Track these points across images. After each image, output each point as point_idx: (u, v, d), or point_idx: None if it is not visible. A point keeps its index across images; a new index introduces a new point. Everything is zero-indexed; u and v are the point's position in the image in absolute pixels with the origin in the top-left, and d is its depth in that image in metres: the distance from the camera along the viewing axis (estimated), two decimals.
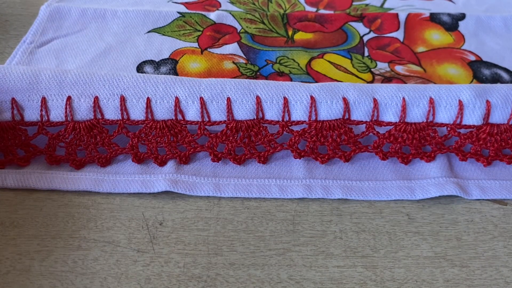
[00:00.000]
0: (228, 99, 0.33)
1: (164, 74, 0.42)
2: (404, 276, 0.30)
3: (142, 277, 0.29)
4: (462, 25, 0.48)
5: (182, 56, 0.44)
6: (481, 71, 0.43)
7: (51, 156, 0.34)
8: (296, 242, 0.31)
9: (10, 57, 0.43)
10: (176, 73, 0.42)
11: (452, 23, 0.49)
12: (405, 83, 0.42)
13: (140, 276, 0.29)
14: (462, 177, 0.35)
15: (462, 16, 0.49)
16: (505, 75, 0.43)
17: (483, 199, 0.34)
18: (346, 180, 0.35)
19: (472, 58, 0.45)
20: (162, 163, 0.35)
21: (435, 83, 0.42)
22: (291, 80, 0.42)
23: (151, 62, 0.43)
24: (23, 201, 0.33)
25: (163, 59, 0.43)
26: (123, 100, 0.33)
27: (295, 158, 0.35)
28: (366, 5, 0.52)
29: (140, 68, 0.42)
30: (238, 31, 0.47)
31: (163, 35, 0.46)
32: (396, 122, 0.34)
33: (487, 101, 0.33)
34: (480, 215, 0.33)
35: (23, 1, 0.52)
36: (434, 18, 0.49)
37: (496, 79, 0.43)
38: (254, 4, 0.51)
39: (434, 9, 0.50)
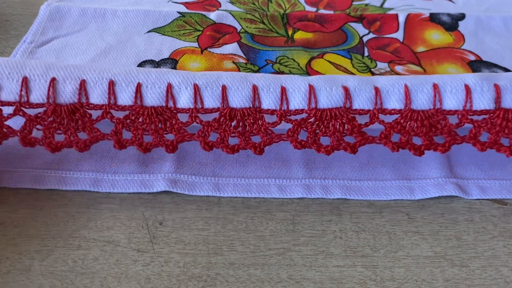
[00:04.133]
0: (223, 86, 0.32)
1: None
2: (404, 275, 0.30)
3: (142, 277, 0.29)
4: (462, 25, 0.48)
5: (182, 56, 0.44)
6: (481, 71, 0.43)
7: (25, 138, 0.31)
8: (296, 241, 0.31)
9: (10, 57, 0.43)
10: None
11: (452, 23, 0.49)
12: None
13: (140, 276, 0.29)
14: (462, 177, 0.35)
15: (462, 16, 0.49)
16: None
17: (483, 199, 0.34)
18: (346, 179, 0.35)
19: (472, 58, 0.45)
20: (145, 150, 0.32)
21: None
22: None
23: (151, 62, 0.43)
24: (23, 201, 0.33)
25: (163, 59, 0.43)
26: (111, 84, 0.31)
27: (295, 148, 0.32)
28: (366, 5, 0.52)
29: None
30: (238, 31, 0.47)
31: (163, 34, 0.46)
32: (401, 109, 0.32)
33: (495, 85, 0.32)
34: (480, 214, 0.33)
35: (23, 1, 0.52)
36: (434, 18, 0.49)
37: None
38: (254, 4, 0.51)
39: (434, 9, 0.51)
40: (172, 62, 0.43)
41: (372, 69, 0.43)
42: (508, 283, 0.29)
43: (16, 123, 0.32)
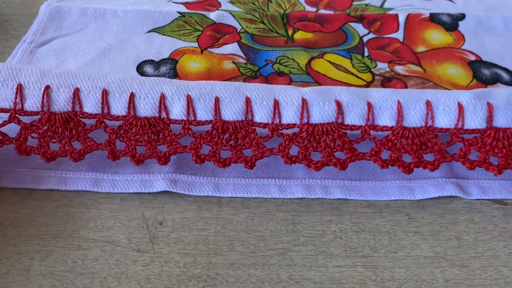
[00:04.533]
0: (216, 98, 0.32)
1: (164, 73, 0.42)
2: (404, 276, 0.30)
3: (142, 277, 0.29)
4: (462, 25, 0.48)
5: (182, 56, 0.44)
6: (481, 71, 0.43)
7: (20, 147, 0.32)
8: (296, 242, 0.31)
9: (10, 57, 0.42)
10: (176, 73, 0.42)
11: (452, 23, 0.49)
12: (405, 83, 0.42)
13: (140, 276, 0.29)
14: (462, 177, 0.35)
15: (462, 16, 0.49)
16: (505, 75, 0.43)
17: (483, 199, 0.34)
18: (346, 180, 0.35)
19: (472, 58, 0.45)
20: (138, 162, 0.33)
21: (435, 83, 0.42)
22: (291, 80, 0.42)
23: (151, 62, 0.43)
24: (23, 201, 0.33)
25: (163, 59, 0.43)
26: (105, 93, 0.31)
27: (286, 163, 0.33)
28: (366, 5, 0.52)
29: (140, 68, 0.42)
30: (238, 31, 0.47)
31: (163, 35, 0.46)
32: (392, 127, 0.32)
33: (488, 103, 0.32)
34: (480, 215, 0.33)
35: (23, 1, 0.52)
36: (434, 18, 0.49)
37: (496, 79, 0.43)
38: (254, 4, 0.51)
39: (434, 9, 0.51)
40: (172, 62, 0.43)
41: (372, 69, 0.43)
42: (508, 283, 0.29)
43: (10, 127, 0.33)
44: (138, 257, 0.30)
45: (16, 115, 0.32)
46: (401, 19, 0.49)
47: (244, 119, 0.32)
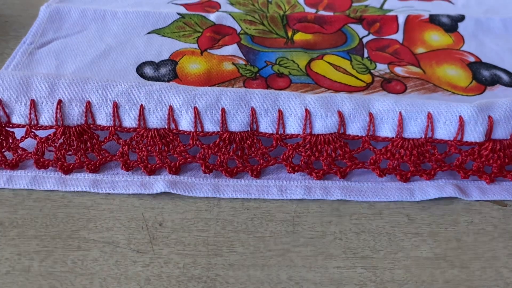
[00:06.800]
0: (223, 110, 0.32)
1: (164, 75, 0.42)
2: (404, 277, 0.30)
3: (142, 278, 0.29)
4: (462, 27, 0.48)
5: (182, 57, 0.44)
6: (481, 72, 0.43)
7: (39, 160, 0.34)
8: (296, 243, 0.31)
9: (9, 58, 0.43)
10: (175, 74, 0.42)
11: (451, 25, 0.49)
12: (405, 84, 0.42)
13: (139, 277, 0.29)
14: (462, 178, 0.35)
15: (462, 18, 0.49)
16: (504, 76, 0.43)
17: (483, 200, 0.34)
18: (346, 181, 0.35)
19: (472, 59, 0.45)
20: (151, 172, 0.34)
21: (434, 84, 0.42)
22: (290, 81, 0.42)
23: (151, 63, 0.43)
24: (22, 202, 0.33)
25: (162, 60, 0.43)
26: (115, 106, 0.32)
27: (289, 172, 0.34)
28: (366, 6, 0.52)
29: (139, 69, 0.42)
30: (237, 32, 0.47)
31: (163, 36, 0.46)
32: (392, 138, 0.33)
33: (489, 117, 0.32)
34: (480, 216, 0.33)
35: (23, 2, 0.52)
36: (433, 20, 0.49)
37: (495, 80, 0.43)
38: (253, 5, 0.52)
39: (434, 11, 0.51)
40: (171, 63, 0.43)
41: (371, 71, 0.43)
42: (508, 284, 0.29)
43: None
44: (138, 258, 0.30)
45: (32, 130, 0.33)
46: (401, 20, 0.49)
47: (249, 129, 0.33)
